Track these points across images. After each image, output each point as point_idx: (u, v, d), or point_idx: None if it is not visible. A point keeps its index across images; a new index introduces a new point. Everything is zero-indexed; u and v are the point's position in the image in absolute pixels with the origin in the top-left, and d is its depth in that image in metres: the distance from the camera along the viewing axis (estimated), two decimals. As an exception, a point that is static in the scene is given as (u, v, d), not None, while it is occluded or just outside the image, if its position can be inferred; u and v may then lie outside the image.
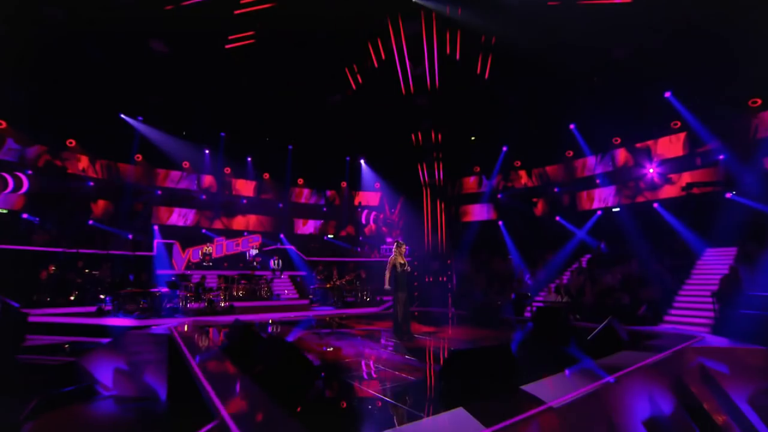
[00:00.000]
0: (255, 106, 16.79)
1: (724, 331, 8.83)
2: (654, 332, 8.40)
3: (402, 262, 8.51)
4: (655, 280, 11.79)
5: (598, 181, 16.72)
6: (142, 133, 16.45)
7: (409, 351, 6.84)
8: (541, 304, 12.95)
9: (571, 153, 17.33)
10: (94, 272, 13.36)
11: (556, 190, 17.89)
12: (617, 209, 16.29)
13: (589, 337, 6.47)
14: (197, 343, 7.50)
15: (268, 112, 17.21)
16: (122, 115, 15.75)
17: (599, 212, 16.44)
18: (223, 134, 18.20)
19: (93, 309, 11.80)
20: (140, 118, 16.03)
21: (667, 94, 13.59)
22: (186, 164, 18.58)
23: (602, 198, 16.70)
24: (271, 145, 19.93)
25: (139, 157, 17.30)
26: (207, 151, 18.85)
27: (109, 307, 11.79)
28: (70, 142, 15.70)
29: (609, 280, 12.39)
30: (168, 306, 12.56)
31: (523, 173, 18.98)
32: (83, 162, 16.15)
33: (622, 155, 16.05)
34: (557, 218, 17.52)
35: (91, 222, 16.03)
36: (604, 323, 6.43)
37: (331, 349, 7.00)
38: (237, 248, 18.74)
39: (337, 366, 5.80)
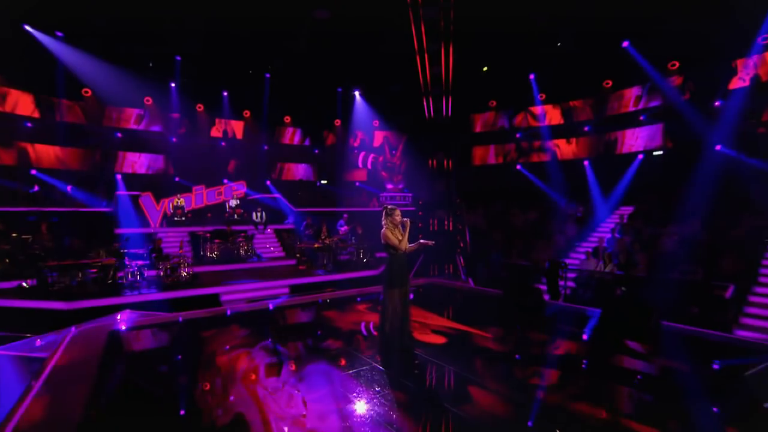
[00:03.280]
0: (225, 26, 12.38)
1: None
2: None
3: (399, 238, 5.07)
4: (731, 246, 8.48)
5: (641, 117, 12.81)
6: (66, 60, 12.08)
7: None
8: (575, 274, 9.80)
9: (610, 83, 13.22)
10: (24, 237, 10.05)
11: (586, 128, 14.04)
12: (659, 153, 12.59)
13: (748, 372, 3.27)
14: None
15: (242, 33, 12.84)
16: (27, 27, 11.18)
17: (641, 156, 12.74)
18: (178, 58, 13.87)
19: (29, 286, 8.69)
20: (60, 33, 11.64)
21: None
22: (148, 100, 14.63)
23: (645, 139, 12.90)
24: (252, 77, 15.76)
25: (88, 91, 13.31)
26: (173, 85, 14.75)
27: (32, 283, 8.64)
28: (-11, 72, 11.72)
29: (669, 245, 9.08)
30: (118, 278, 9.37)
31: (548, 108, 14.96)
32: (11, 96, 12.22)
33: (677, 83, 11.96)
34: (585, 163, 13.86)
35: (34, 171, 12.47)
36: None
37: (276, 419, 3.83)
38: (219, 198, 15.41)
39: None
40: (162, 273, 9.66)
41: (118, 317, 7.10)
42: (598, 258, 10.19)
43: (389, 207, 5.14)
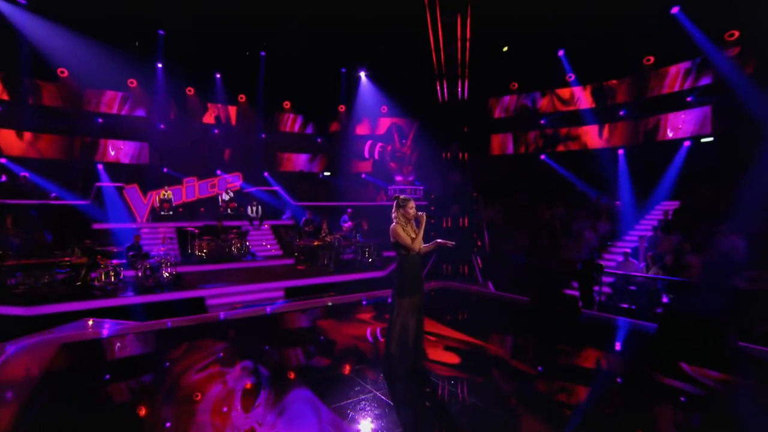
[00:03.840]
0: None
1: None
2: None
3: (413, 236, 4.22)
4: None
5: (689, 98, 11.69)
6: (33, 33, 11.15)
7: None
8: (612, 278, 8.84)
9: (652, 59, 12.10)
10: (-17, 231, 9.39)
11: (622, 113, 12.97)
12: (709, 139, 11.48)
13: None
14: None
15: (236, 6, 11.98)
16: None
17: (687, 143, 11.65)
18: (162, 32, 13.07)
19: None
20: (23, 1, 10.77)
21: None
22: (133, 83, 13.96)
23: (693, 123, 11.78)
24: (248, 58, 14.99)
25: (64, 71, 12.63)
26: (160, 66, 14.03)
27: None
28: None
29: (727, 245, 8.06)
30: (90, 280, 8.67)
31: (577, 90, 13.91)
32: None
33: (734, 55, 10.74)
34: (620, 152, 12.83)
35: (3, 160, 11.85)
36: None
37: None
38: (212, 191, 14.83)
39: None
40: (140, 273, 8.93)
41: (79, 326, 6.35)
42: (639, 259, 9.27)
43: (402, 198, 4.33)
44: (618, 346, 5.93)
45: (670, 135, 12.03)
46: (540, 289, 7.38)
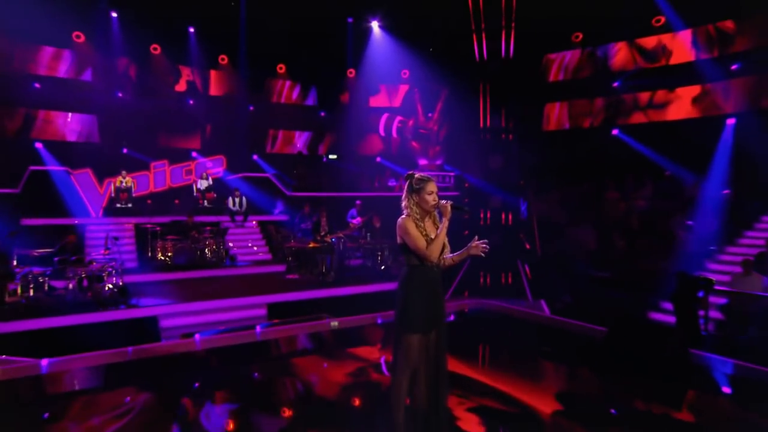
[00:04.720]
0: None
1: None
2: None
3: (431, 236, 3.23)
4: None
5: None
6: None
7: None
8: (725, 299, 7.49)
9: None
10: None
11: (734, 67, 11.69)
12: None
13: None
14: None
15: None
16: None
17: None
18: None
19: None
20: None
21: None
22: (80, 37, 13.43)
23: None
24: (232, 8, 14.27)
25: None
26: (115, 15, 13.49)
27: None
28: None
29: None
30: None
31: (669, 38, 12.63)
32: None
33: None
34: (729, 122, 11.52)
35: None
36: None
37: None
38: (188, 178, 14.55)
39: None
40: (72, 285, 8.10)
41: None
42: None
43: (416, 177, 3.35)
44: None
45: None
46: (623, 317, 6.09)
